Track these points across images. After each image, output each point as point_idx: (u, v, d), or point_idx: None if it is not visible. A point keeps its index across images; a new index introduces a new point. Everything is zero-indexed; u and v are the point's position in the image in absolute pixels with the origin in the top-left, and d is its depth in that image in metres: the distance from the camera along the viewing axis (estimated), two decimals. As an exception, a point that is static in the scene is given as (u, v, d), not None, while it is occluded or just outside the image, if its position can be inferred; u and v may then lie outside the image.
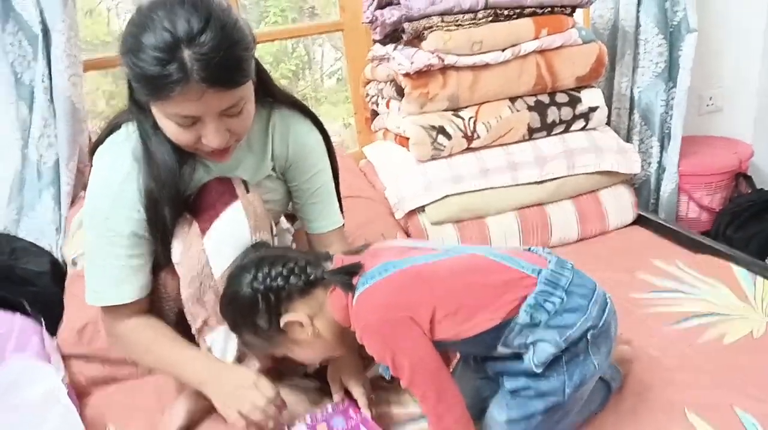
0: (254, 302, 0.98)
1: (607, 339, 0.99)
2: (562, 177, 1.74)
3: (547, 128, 1.76)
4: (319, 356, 1.09)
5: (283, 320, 0.98)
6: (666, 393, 1.16)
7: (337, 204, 1.28)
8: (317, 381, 1.24)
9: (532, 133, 1.75)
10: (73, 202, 1.70)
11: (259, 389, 1.04)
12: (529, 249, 1.06)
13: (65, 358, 1.35)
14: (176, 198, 1.04)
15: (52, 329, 1.39)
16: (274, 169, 1.20)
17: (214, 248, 1.04)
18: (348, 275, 0.98)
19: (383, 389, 1.25)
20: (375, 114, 2.02)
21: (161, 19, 0.89)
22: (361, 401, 1.10)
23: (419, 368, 0.94)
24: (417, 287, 0.96)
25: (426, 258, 0.99)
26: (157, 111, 0.97)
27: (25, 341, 1.31)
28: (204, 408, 1.19)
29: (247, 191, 1.09)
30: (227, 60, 0.91)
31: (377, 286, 0.95)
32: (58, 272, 1.59)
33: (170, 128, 0.98)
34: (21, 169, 1.67)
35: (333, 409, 1.08)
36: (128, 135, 1.05)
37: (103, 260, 1.07)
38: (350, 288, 0.97)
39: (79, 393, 1.33)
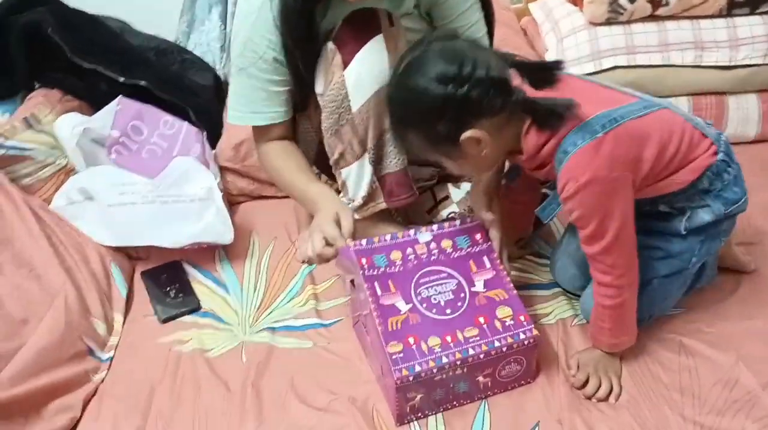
0: (443, 107, 0.84)
1: (732, 227, 1.02)
2: (756, 65, 1.52)
3: (753, 4, 1.51)
4: (468, 172, 1.10)
5: (466, 134, 0.86)
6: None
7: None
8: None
9: (732, 7, 1.51)
10: (237, 23, 1.75)
11: (324, 232, 0.99)
12: None
13: (221, 169, 1.46)
14: (309, 25, 1.04)
15: (211, 142, 1.50)
16: (417, 6, 1.15)
17: (353, 81, 1.03)
18: (558, 116, 0.85)
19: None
20: (550, -33, 1.83)
21: None
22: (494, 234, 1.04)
23: (623, 234, 0.89)
24: (637, 143, 0.90)
25: (636, 111, 0.91)
26: None
27: (189, 145, 1.43)
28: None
29: (392, 25, 1.04)
30: None
31: (606, 140, 0.86)
32: (220, 88, 1.67)
33: None
34: (194, -18, 1.73)
35: (460, 224, 1.01)
36: None
37: (243, 82, 1.11)
38: (555, 129, 0.87)
39: (229, 201, 1.46)
